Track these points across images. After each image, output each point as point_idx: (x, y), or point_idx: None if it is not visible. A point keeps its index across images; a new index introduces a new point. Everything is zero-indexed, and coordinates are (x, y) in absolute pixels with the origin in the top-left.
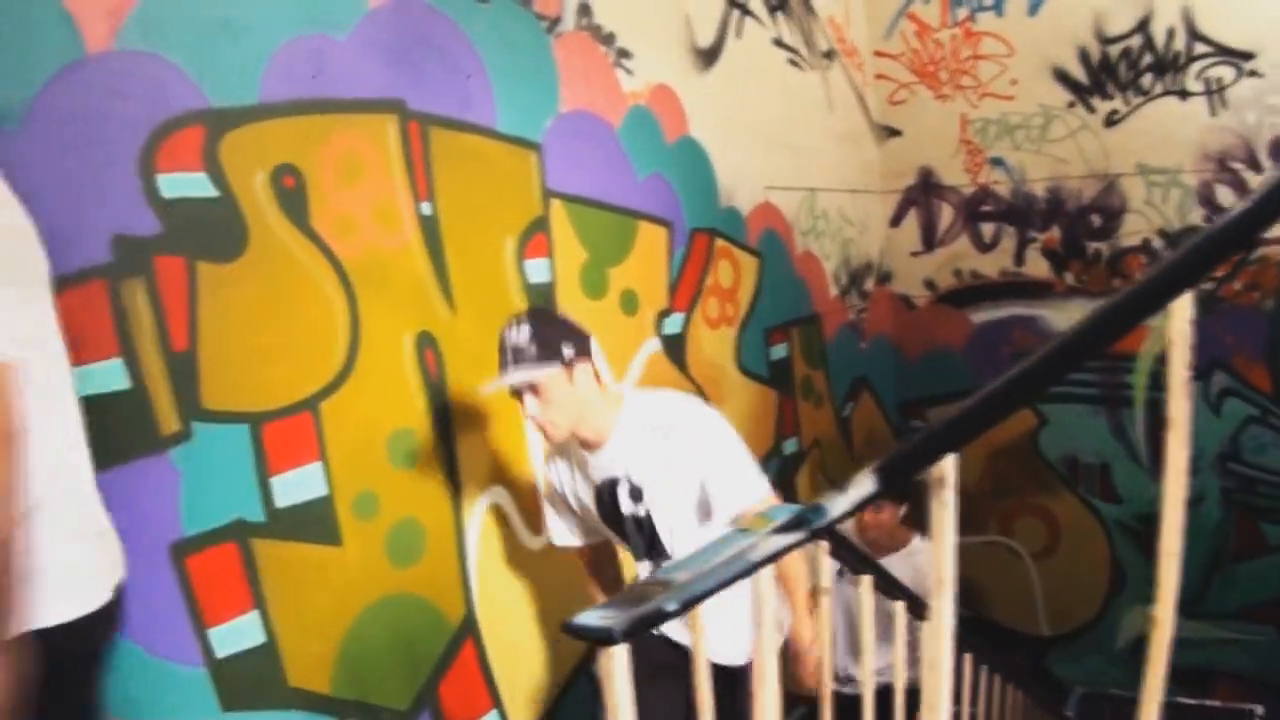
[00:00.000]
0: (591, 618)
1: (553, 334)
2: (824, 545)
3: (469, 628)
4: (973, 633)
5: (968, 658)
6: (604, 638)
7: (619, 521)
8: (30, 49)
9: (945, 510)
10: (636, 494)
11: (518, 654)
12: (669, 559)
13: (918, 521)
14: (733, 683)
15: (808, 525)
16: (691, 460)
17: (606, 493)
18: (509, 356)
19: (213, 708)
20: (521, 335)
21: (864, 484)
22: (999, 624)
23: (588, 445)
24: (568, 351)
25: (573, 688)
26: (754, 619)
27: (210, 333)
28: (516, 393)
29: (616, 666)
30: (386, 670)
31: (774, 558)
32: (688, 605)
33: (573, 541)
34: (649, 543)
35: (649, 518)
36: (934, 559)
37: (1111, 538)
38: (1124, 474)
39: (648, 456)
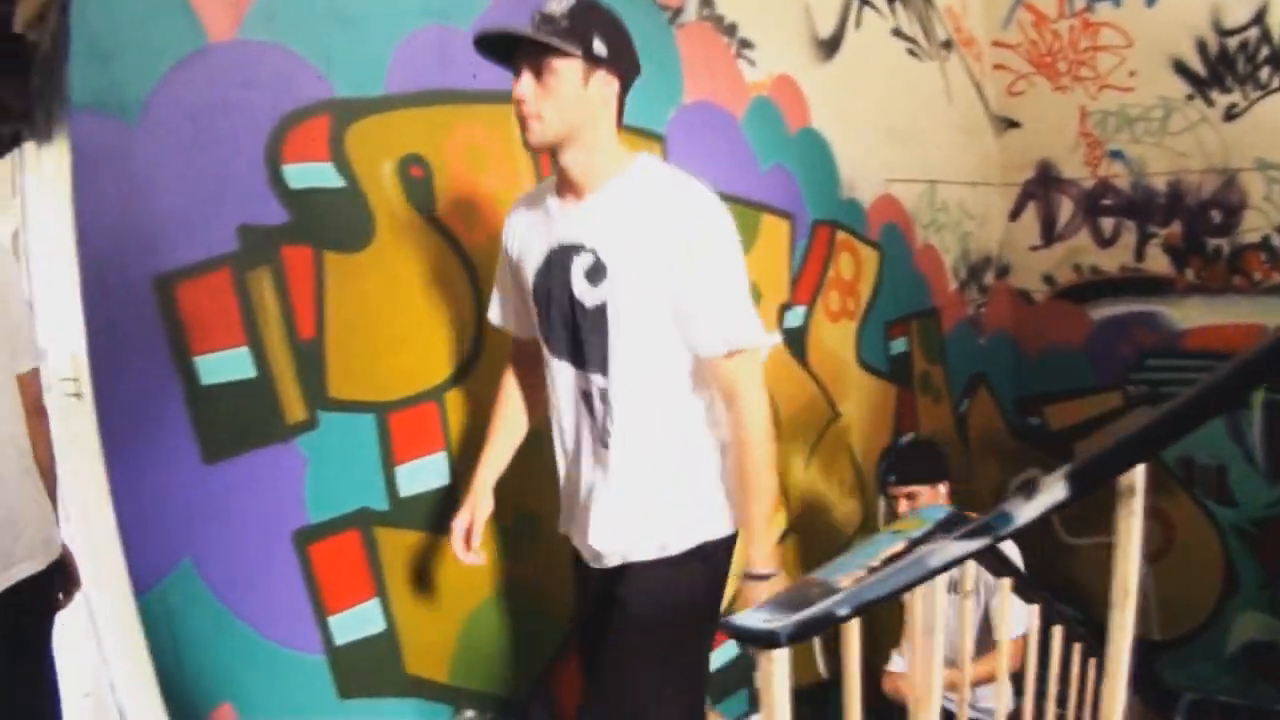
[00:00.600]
0: (754, 619)
1: (596, 23)
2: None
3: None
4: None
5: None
6: (769, 641)
7: (548, 304)
8: (151, 39)
9: (1133, 520)
10: (597, 273)
11: None
12: (600, 377)
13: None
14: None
15: (992, 532)
16: (677, 251)
17: (557, 263)
18: (534, 16)
19: (330, 695)
20: (562, 4)
21: (1054, 490)
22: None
23: (568, 187)
24: (600, 49)
25: None
26: (918, 626)
27: (337, 322)
28: (516, 65)
29: (778, 670)
30: (502, 660)
31: (952, 564)
32: (859, 610)
33: (505, 326)
34: (575, 344)
35: (598, 312)
36: (1118, 570)
37: (1226, 541)
38: (1240, 477)
39: (629, 233)
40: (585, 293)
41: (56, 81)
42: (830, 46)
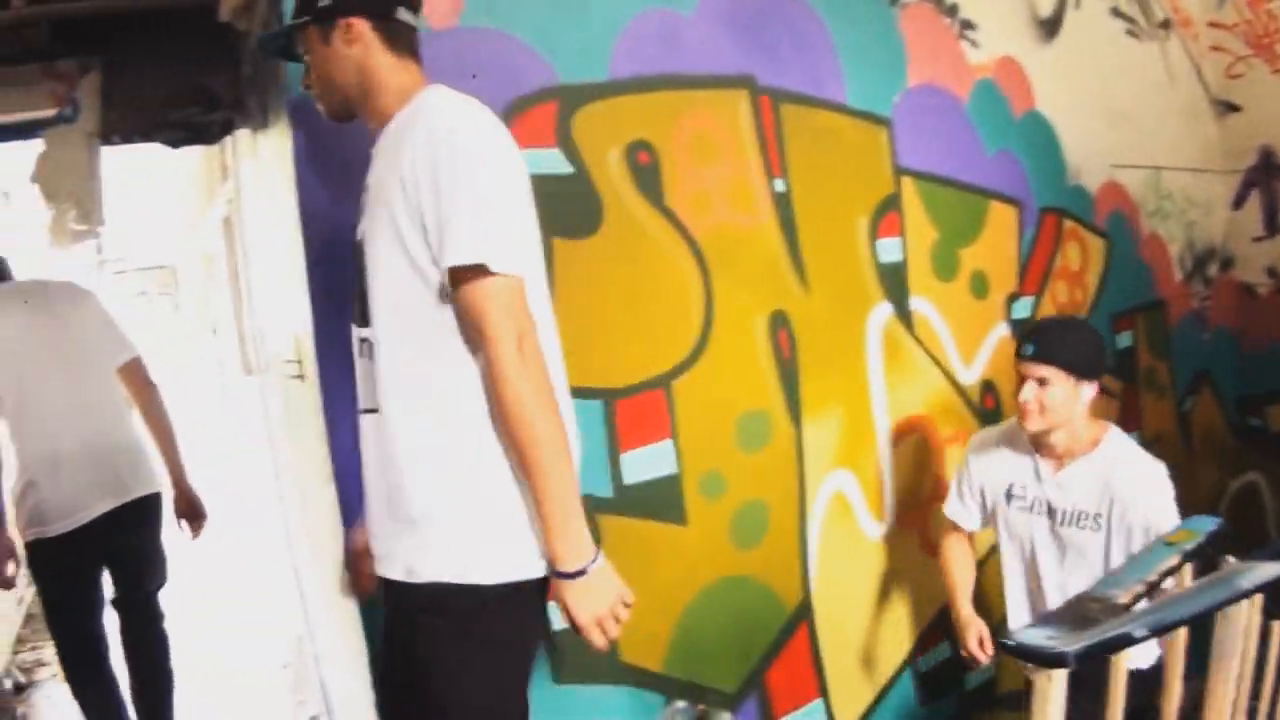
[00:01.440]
0: (1037, 637)
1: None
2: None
3: (804, 614)
4: None
5: None
6: (1055, 661)
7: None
8: None
9: None
10: (361, 206)
11: (849, 644)
12: (364, 327)
13: (1124, 408)
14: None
15: None
16: (418, 170)
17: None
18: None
19: (545, 680)
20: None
21: None
22: None
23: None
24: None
25: (896, 683)
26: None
27: (565, 308)
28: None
29: (1056, 691)
30: (718, 652)
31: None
32: (1158, 631)
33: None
34: (358, 295)
35: (359, 248)
36: None
37: None
38: None
39: (387, 162)
40: (358, 228)
41: (271, 69)
42: (1051, 27)
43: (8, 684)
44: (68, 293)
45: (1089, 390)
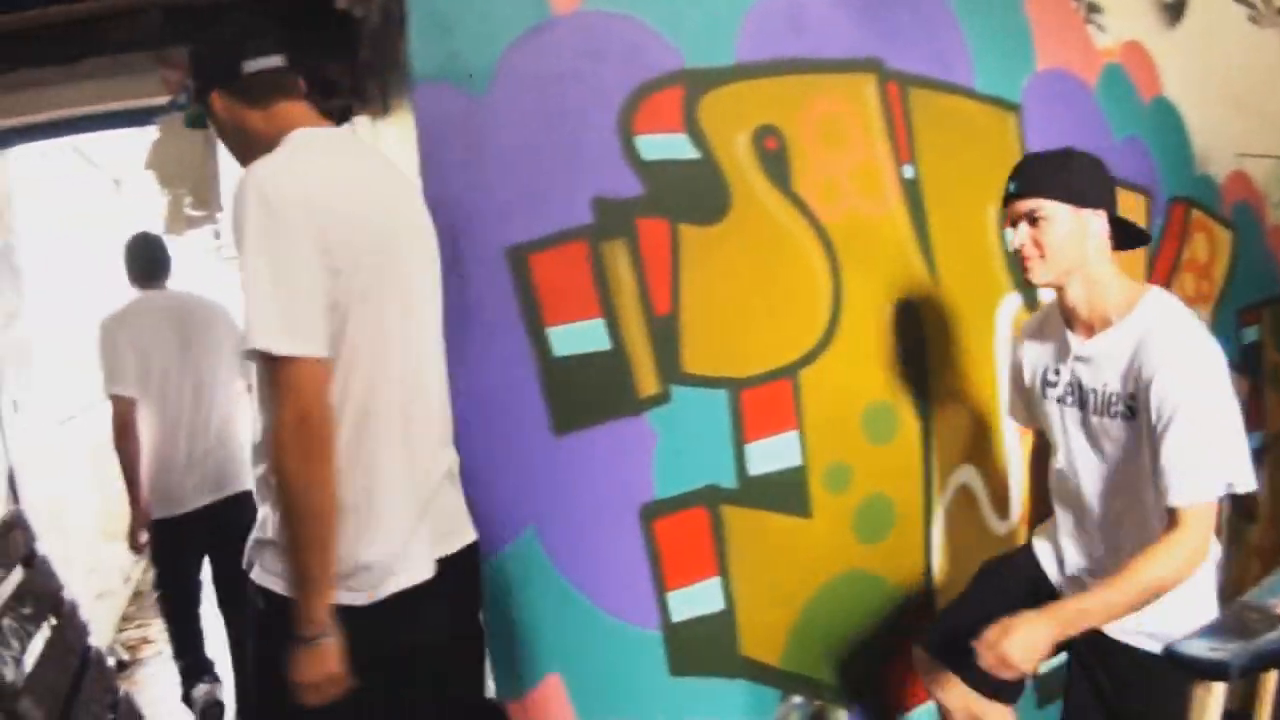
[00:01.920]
0: (1199, 648)
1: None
2: None
3: (926, 611)
4: None
5: None
6: (1218, 673)
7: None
8: (493, 11)
9: None
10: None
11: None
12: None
13: (1249, 406)
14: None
15: None
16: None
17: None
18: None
19: (661, 671)
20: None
21: None
22: None
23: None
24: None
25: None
26: None
27: (692, 296)
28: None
29: (1214, 702)
30: (836, 647)
31: None
32: None
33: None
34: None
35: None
36: None
37: None
38: None
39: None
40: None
41: (391, 54)
42: (1175, 11)
43: (110, 661)
44: (207, 307)
45: (1098, 222)
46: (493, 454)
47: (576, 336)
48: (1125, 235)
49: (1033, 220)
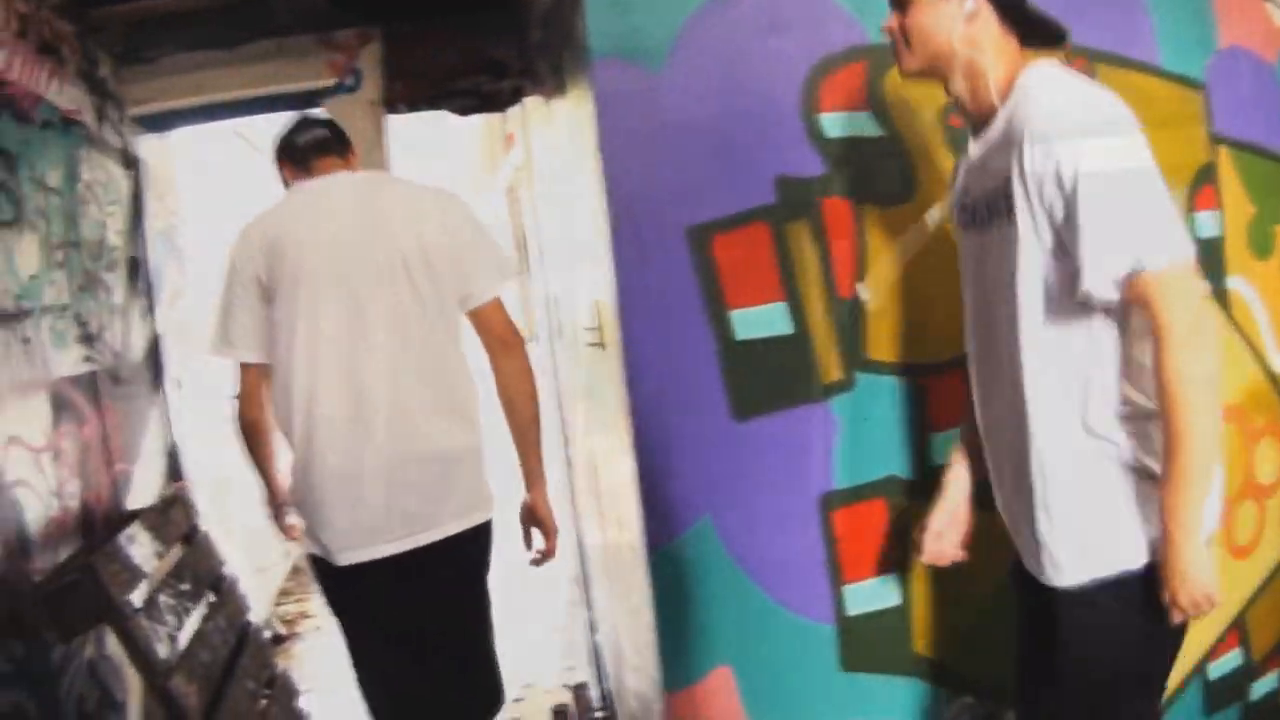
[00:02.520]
0: None
1: None
2: None
3: None
4: None
5: None
6: None
7: None
8: None
9: None
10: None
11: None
12: None
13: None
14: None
15: None
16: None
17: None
18: None
19: (832, 666)
20: None
21: None
22: None
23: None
24: None
25: (1185, 690)
26: None
27: (876, 279)
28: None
29: None
30: (1009, 649)
31: None
32: None
33: None
34: None
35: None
36: None
37: None
38: None
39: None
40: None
41: (567, 32)
42: None
43: (266, 634)
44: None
45: (973, 3)
46: (669, 439)
47: (758, 320)
48: (1033, 30)
49: (901, 5)
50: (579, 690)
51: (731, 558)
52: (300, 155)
